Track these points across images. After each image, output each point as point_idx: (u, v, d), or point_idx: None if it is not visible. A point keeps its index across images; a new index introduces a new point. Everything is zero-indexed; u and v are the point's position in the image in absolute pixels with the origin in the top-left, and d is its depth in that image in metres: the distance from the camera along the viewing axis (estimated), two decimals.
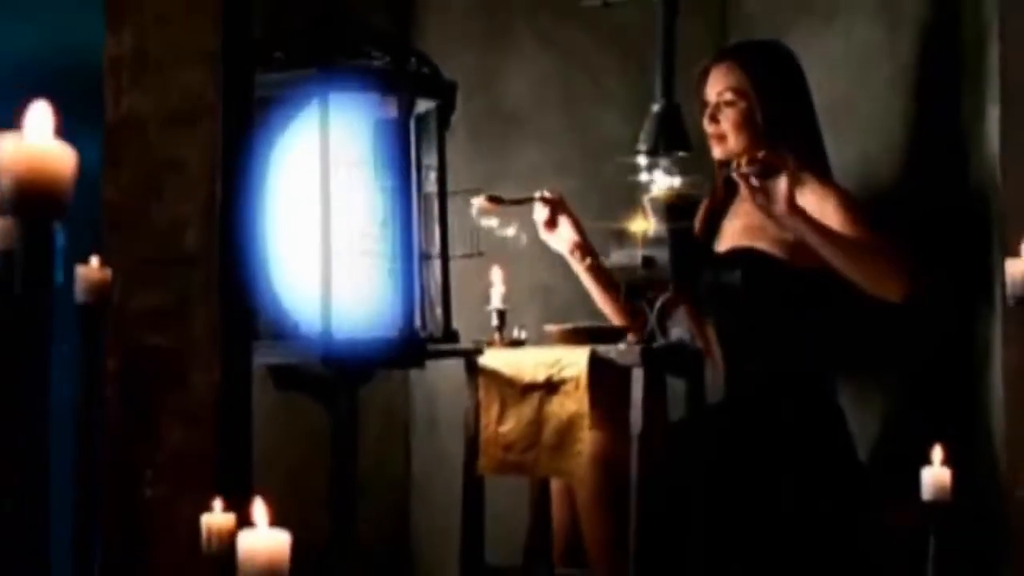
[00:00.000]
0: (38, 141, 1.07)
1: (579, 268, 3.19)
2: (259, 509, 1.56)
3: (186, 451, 2.53)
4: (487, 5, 3.75)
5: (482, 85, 3.66)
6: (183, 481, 2.51)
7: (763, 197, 2.90)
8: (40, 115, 1.07)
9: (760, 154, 2.95)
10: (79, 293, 2.22)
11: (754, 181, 2.91)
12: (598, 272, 3.17)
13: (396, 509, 3.68)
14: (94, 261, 2.30)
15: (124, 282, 2.42)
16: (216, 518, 1.84)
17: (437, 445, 3.65)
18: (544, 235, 3.15)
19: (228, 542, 1.84)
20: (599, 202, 3.32)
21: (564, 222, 3.16)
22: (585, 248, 3.16)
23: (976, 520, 2.87)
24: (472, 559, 2.94)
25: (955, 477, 2.40)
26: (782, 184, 2.91)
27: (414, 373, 3.69)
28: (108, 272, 2.25)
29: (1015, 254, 2.05)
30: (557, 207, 3.16)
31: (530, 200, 3.12)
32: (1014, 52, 2.89)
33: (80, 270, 2.24)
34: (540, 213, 3.14)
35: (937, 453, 2.44)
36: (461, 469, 3.02)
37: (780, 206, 2.90)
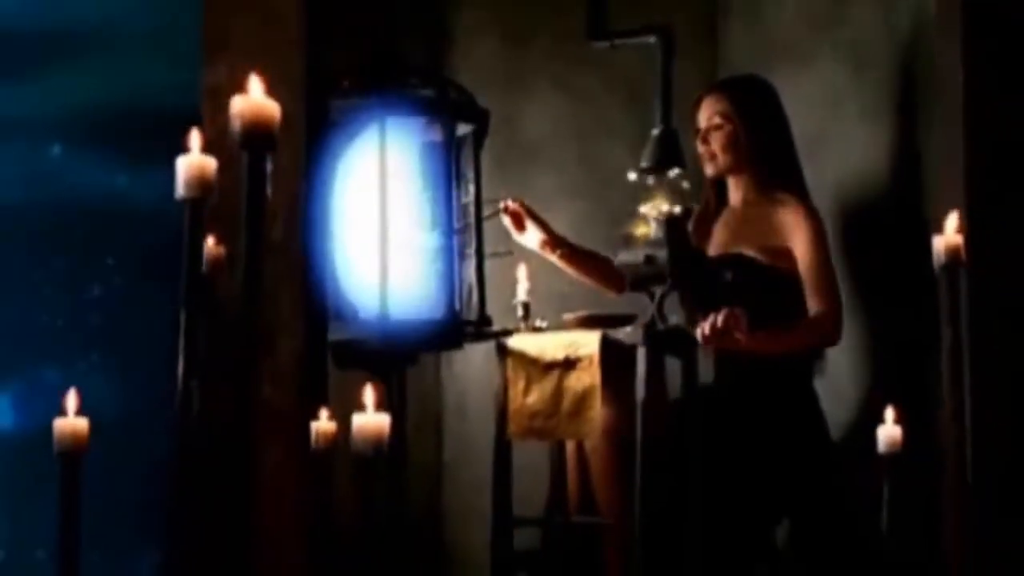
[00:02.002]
0: (256, 98, 1.63)
1: (553, 259, 3.76)
2: (368, 394, 2.11)
3: (272, 404, 3.08)
4: (509, 53, 4.32)
5: (505, 121, 4.22)
6: (269, 430, 3.06)
7: (727, 340, 3.31)
8: (256, 82, 1.63)
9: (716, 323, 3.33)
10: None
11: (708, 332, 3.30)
12: (571, 258, 3.77)
13: (428, 491, 4.20)
14: (211, 240, 2.83)
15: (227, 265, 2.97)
16: (322, 424, 2.38)
17: (466, 433, 4.19)
18: (516, 238, 3.73)
19: (330, 443, 2.38)
20: (606, 220, 3.87)
21: (530, 225, 3.73)
22: (553, 243, 3.74)
23: (926, 473, 3.40)
24: (502, 511, 3.49)
25: (906, 434, 2.93)
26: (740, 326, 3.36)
27: (445, 369, 4.25)
28: (223, 249, 2.78)
29: (939, 231, 2.59)
30: (519, 215, 3.73)
31: (496, 213, 3.69)
32: (971, 96, 3.43)
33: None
34: (506, 221, 3.71)
35: (890, 413, 2.96)
36: (489, 455, 3.55)
37: (741, 340, 3.34)
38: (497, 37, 4.33)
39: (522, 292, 3.63)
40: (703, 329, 3.26)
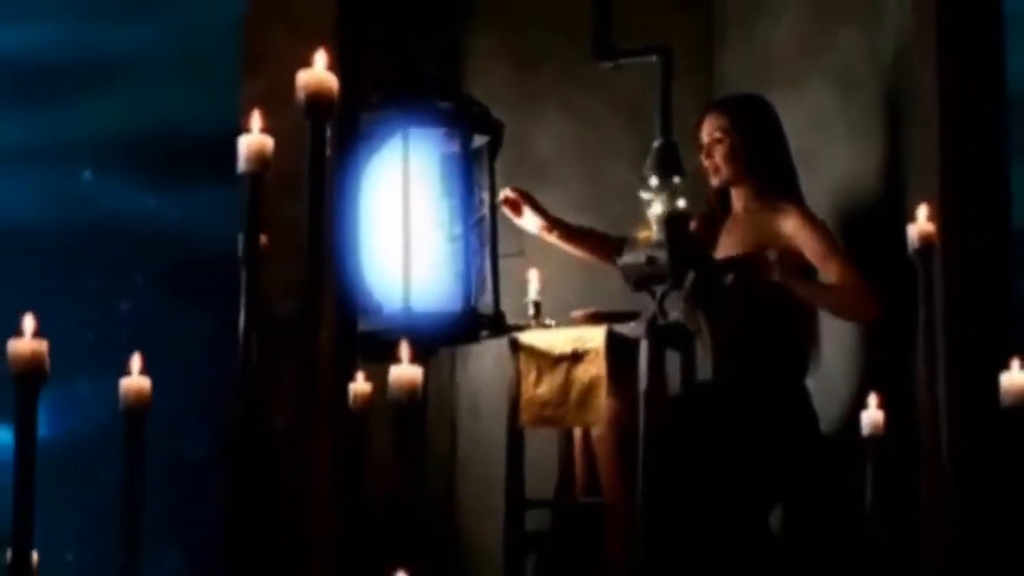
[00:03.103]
0: (318, 72, 1.93)
1: (553, 239, 4.07)
2: (404, 350, 2.39)
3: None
4: (520, 77, 4.62)
5: (515, 140, 4.48)
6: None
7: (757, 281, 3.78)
8: (321, 57, 1.93)
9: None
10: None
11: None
12: (568, 237, 4.09)
13: (443, 484, 4.47)
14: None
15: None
16: (359, 386, 2.66)
17: (480, 431, 4.47)
18: (517, 222, 4.05)
19: (366, 403, 2.66)
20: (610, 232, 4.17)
21: (527, 211, 4.03)
22: (550, 226, 4.05)
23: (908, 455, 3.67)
24: (515, 494, 3.77)
25: (888, 418, 3.19)
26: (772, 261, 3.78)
27: (460, 371, 4.53)
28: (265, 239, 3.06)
29: (913, 220, 2.88)
30: (519, 201, 4.04)
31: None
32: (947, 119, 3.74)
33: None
34: (506, 210, 4.02)
35: (873, 399, 3.23)
36: (501, 452, 3.83)
37: (775, 275, 3.76)
38: (508, 62, 4.63)
39: (533, 292, 3.92)
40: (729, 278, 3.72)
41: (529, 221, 4.05)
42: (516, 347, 3.79)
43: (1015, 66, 3.94)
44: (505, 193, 4.01)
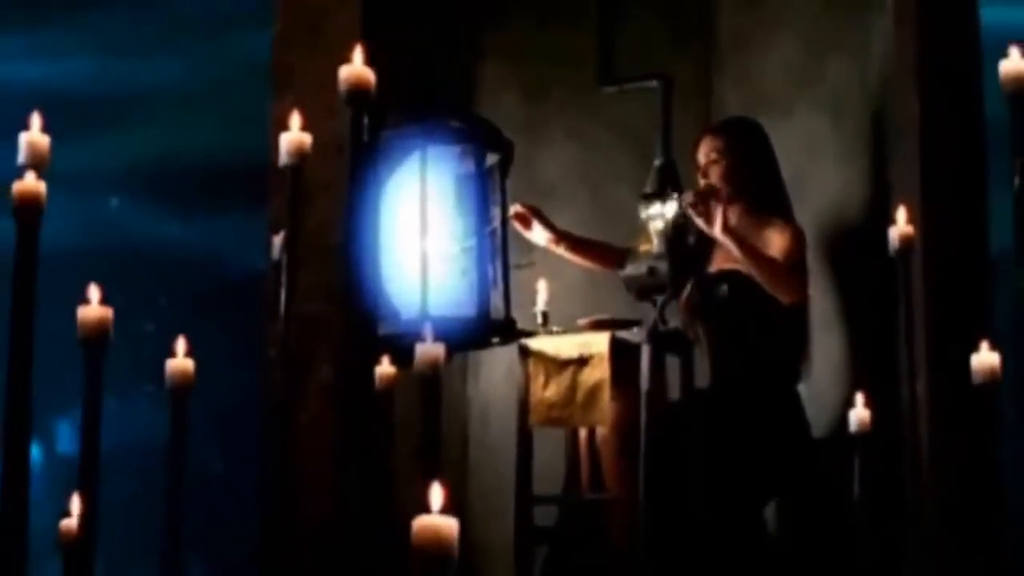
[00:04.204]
0: (357, 66, 2.19)
1: (560, 251, 4.32)
2: (427, 330, 2.64)
3: (330, 383, 3.61)
4: (528, 105, 4.89)
5: (523, 165, 4.75)
6: (328, 405, 3.59)
7: (703, 221, 4.01)
8: (358, 53, 2.19)
9: (701, 185, 4.07)
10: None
11: (694, 210, 4.02)
12: (574, 248, 4.34)
13: (454, 491, 4.69)
14: (278, 238, 3.37)
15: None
16: (384, 369, 2.91)
17: (489, 440, 4.71)
18: (526, 235, 4.30)
19: (391, 384, 2.90)
20: None
21: (536, 225, 4.29)
22: (557, 238, 4.31)
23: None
24: (525, 490, 4.01)
25: (874, 416, 3.42)
26: (718, 211, 4.01)
27: (471, 385, 4.78)
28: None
29: (893, 223, 3.14)
30: (528, 215, 4.29)
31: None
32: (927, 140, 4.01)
33: (275, 239, 3.32)
34: (516, 225, 4.26)
35: (860, 397, 3.46)
36: (510, 459, 4.08)
37: (716, 227, 4.00)
38: (517, 91, 4.90)
39: (541, 302, 4.17)
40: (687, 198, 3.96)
41: (538, 234, 4.30)
42: (526, 352, 4.04)
43: (998, 95, 4.22)
44: (515, 208, 4.26)
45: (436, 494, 1.61)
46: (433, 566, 1.55)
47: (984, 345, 2.77)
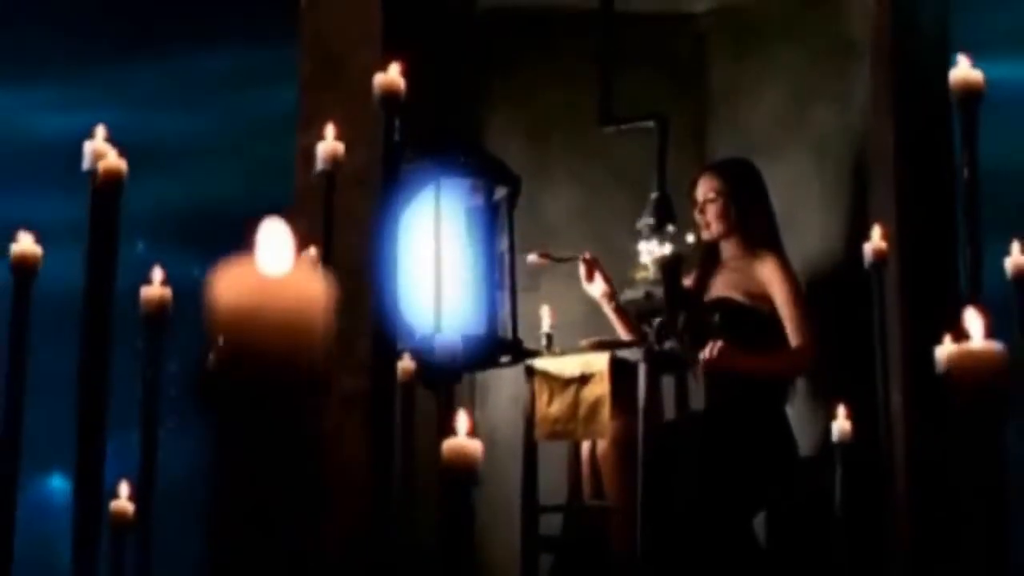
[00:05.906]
0: (391, 75, 2.50)
1: (607, 309, 4.61)
2: (446, 314, 2.94)
3: (352, 393, 3.90)
4: (532, 148, 5.23)
5: (528, 205, 5.08)
6: (347, 411, 3.89)
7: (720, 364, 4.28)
8: (395, 66, 2.51)
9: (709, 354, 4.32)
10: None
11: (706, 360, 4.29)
12: (619, 311, 4.60)
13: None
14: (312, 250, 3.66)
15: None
16: (404, 363, 3.21)
17: (495, 459, 4.99)
18: (585, 285, 4.58)
19: (408, 377, 3.20)
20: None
21: (598, 277, 4.58)
22: (612, 295, 4.59)
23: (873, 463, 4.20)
24: (530, 499, 4.30)
25: (855, 427, 3.70)
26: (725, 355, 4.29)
27: (478, 410, 5.07)
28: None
29: (867, 240, 3.45)
30: (594, 266, 4.58)
31: (574, 258, 4.55)
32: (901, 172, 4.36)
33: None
34: (582, 269, 4.56)
35: (841, 409, 3.75)
36: (516, 481, 4.37)
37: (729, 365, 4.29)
38: (522, 135, 5.24)
39: (546, 325, 4.48)
40: (703, 358, 4.16)
41: (597, 287, 4.57)
42: (531, 372, 4.35)
43: (988, 147, 4.57)
44: (586, 255, 4.55)
45: (463, 421, 1.90)
46: (460, 479, 1.84)
47: (947, 339, 3.06)
